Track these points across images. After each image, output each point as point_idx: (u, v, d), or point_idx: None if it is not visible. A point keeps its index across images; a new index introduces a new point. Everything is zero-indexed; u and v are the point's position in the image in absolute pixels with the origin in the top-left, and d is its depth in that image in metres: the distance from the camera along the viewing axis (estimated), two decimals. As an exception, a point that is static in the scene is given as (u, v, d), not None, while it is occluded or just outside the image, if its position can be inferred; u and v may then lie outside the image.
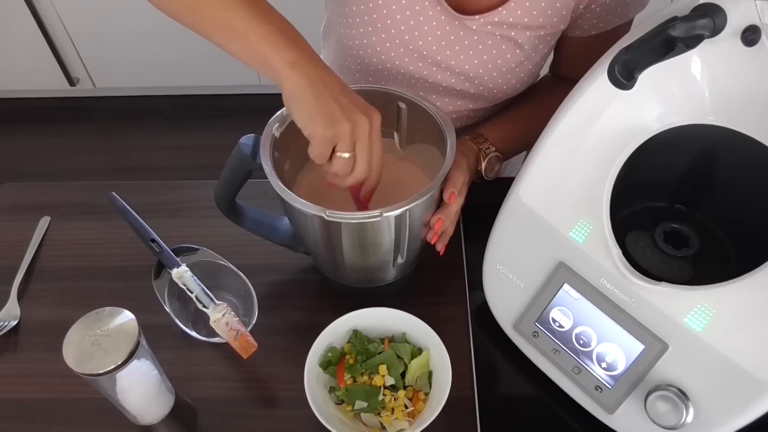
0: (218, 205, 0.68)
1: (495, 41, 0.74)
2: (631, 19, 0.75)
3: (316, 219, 0.58)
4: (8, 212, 0.84)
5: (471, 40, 0.74)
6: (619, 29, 0.75)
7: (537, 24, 0.72)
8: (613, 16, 0.74)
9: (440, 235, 0.67)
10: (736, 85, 0.50)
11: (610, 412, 0.57)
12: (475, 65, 0.76)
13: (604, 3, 0.72)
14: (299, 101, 0.53)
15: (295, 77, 0.53)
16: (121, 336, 0.49)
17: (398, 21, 0.73)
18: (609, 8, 0.73)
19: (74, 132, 2.28)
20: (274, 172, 0.60)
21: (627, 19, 0.75)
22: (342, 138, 0.53)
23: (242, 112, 2.30)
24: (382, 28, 0.74)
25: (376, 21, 0.74)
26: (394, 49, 0.76)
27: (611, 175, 0.54)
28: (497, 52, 0.75)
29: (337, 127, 0.52)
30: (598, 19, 0.74)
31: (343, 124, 0.52)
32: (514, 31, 0.73)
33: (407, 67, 0.78)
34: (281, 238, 0.72)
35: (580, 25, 0.76)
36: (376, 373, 0.63)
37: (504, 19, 0.72)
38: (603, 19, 0.74)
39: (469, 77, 0.78)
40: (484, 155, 0.75)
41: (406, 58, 0.77)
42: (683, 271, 0.55)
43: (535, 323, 0.61)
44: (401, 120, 0.70)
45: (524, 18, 0.72)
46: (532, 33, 0.73)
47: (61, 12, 2.01)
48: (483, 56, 0.75)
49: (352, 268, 0.67)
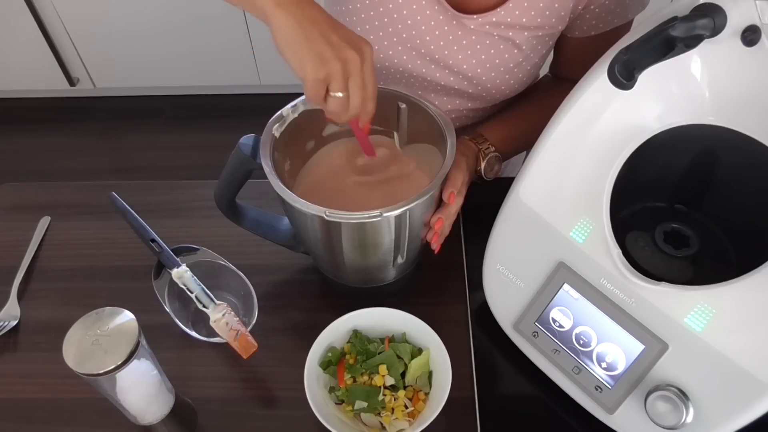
0: (218, 205, 0.68)
1: (493, 41, 0.74)
2: (631, 20, 0.75)
3: (316, 219, 0.58)
4: (8, 212, 0.84)
5: (469, 40, 0.74)
6: (618, 30, 0.75)
7: (535, 24, 0.72)
8: (612, 17, 0.74)
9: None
10: (736, 85, 0.50)
11: (610, 412, 0.57)
12: (473, 65, 0.76)
13: (603, 4, 0.72)
14: (288, 42, 0.52)
15: (282, 16, 0.51)
16: (121, 336, 0.49)
17: (396, 19, 0.73)
18: (608, 9, 0.73)
19: (74, 132, 2.28)
20: (274, 172, 0.60)
21: (626, 20, 0.75)
22: (334, 77, 0.52)
23: (242, 112, 2.30)
24: (379, 26, 0.74)
25: (374, 18, 0.74)
26: (392, 47, 0.76)
27: (611, 175, 0.54)
28: (495, 52, 0.75)
29: (328, 68, 0.51)
30: (597, 19, 0.74)
31: (333, 64, 0.51)
32: (511, 32, 0.73)
33: (405, 65, 0.78)
34: (281, 238, 0.72)
35: (579, 26, 0.76)
36: (376, 373, 0.63)
37: (502, 19, 0.72)
38: (602, 19, 0.74)
39: (467, 76, 0.78)
40: (484, 155, 0.75)
41: (404, 56, 0.77)
42: (683, 271, 0.55)
43: (535, 323, 0.61)
44: (401, 120, 0.70)
45: (522, 18, 0.72)
46: (529, 33, 0.73)
47: (61, 12, 2.01)
48: (481, 56, 0.75)
49: (352, 268, 0.67)
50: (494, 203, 0.65)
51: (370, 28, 0.75)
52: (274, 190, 0.59)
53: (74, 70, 2.19)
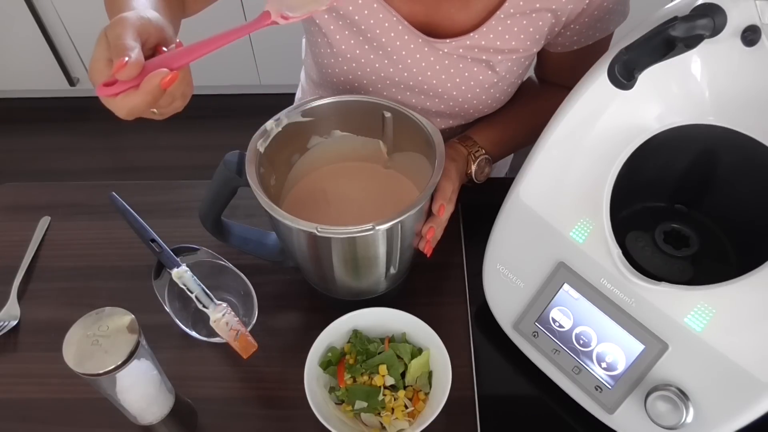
0: (203, 223, 0.68)
1: (466, 64, 0.74)
2: (613, 31, 0.75)
3: (306, 234, 0.58)
4: (8, 212, 0.84)
5: (442, 64, 0.74)
6: (601, 40, 0.75)
7: (509, 48, 0.72)
8: (593, 32, 0.74)
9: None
10: (735, 85, 0.50)
11: (610, 412, 0.57)
12: (449, 88, 0.76)
13: (584, 21, 0.72)
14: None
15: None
16: (121, 336, 0.49)
17: (366, 51, 0.74)
18: (589, 25, 0.73)
19: (74, 132, 2.28)
20: (260, 189, 0.59)
21: (608, 33, 0.75)
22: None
23: (242, 112, 2.29)
24: (351, 58, 0.75)
25: (345, 52, 0.74)
26: (365, 77, 0.76)
27: (611, 175, 0.54)
28: (469, 74, 0.75)
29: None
30: (579, 35, 0.74)
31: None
32: (485, 54, 0.73)
33: (381, 93, 0.78)
34: (269, 254, 0.72)
35: (561, 42, 0.76)
36: (376, 373, 0.63)
37: (476, 43, 0.71)
38: (584, 35, 0.74)
39: (443, 98, 0.78)
40: (474, 158, 0.75)
41: (379, 85, 0.77)
42: (683, 271, 0.55)
43: (535, 323, 0.61)
44: (386, 129, 0.69)
45: (496, 42, 0.71)
46: (504, 57, 0.73)
47: (61, 12, 2.01)
48: (456, 79, 0.75)
49: (342, 282, 0.66)
50: (494, 203, 0.65)
51: (342, 60, 0.75)
52: (261, 205, 0.58)
53: (74, 70, 2.19)
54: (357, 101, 0.69)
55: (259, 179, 0.60)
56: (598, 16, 0.71)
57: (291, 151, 0.70)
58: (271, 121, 0.64)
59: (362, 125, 0.70)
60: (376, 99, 0.68)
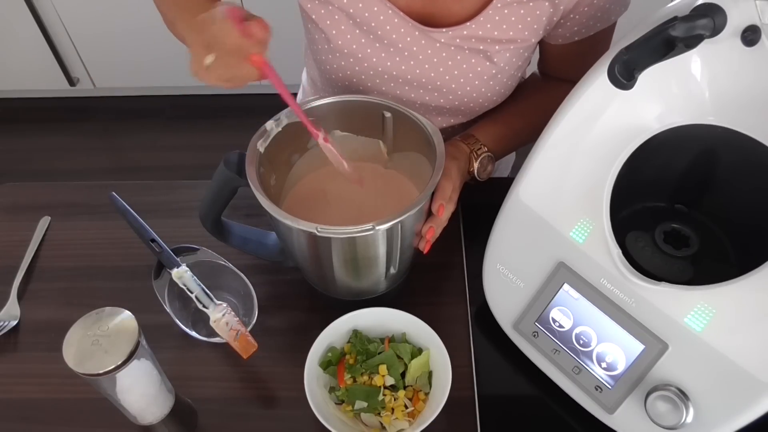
0: (203, 223, 0.68)
1: (464, 55, 0.73)
2: (615, 22, 0.75)
3: (306, 234, 0.58)
4: (8, 212, 0.84)
5: (440, 56, 0.74)
6: (602, 32, 0.75)
7: (507, 38, 0.72)
8: (594, 22, 0.73)
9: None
10: (735, 85, 0.50)
11: (610, 412, 0.57)
12: (447, 80, 0.76)
13: (583, 11, 0.71)
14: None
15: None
16: (121, 336, 0.49)
17: (363, 45, 0.74)
18: (589, 15, 0.72)
19: (74, 132, 2.28)
20: (260, 189, 0.59)
21: (609, 23, 0.74)
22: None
23: (242, 112, 2.29)
24: (349, 53, 0.75)
25: (343, 47, 0.74)
26: (364, 72, 0.76)
27: (611, 175, 0.54)
28: (468, 66, 0.74)
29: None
30: (579, 26, 0.74)
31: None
32: (483, 45, 0.72)
33: (380, 88, 0.78)
34: (270, 254, 0.72)
35: (562, 34, 0.75)
36: (376, 373, 0.63)
37: (473, 32, 0.71)
38: (584, 25, 0.74)
39: (442, 92, 0.77)
40: (476, 156, 0.75)
41: (378, 80, 0.77)
42: (683, 271, 0.55)
43: (535, 323, 0.61)
44: (386, 129, 0.69)
45: (494, 32, 0.71)
46: (501, 47, 0.73)
47: (61, 12, 2.01)
48: (454, 71, 0.75)
49: (342, 282, 0.66)
50: (494, 203, 0.65)
51: (340, 56, 0.75)
52: (261, 205, 0.58)
53: (74, 70, 2.19)
54: (357, 101, 0.68)
55: (259, 179, 0.60)
56: (598, 5, 0.71)
57: (291, 151, 0.70)
58: (271, 121, 0.64)
59: (362, 125, 0.70)
60: (376, 99, 0.68)
